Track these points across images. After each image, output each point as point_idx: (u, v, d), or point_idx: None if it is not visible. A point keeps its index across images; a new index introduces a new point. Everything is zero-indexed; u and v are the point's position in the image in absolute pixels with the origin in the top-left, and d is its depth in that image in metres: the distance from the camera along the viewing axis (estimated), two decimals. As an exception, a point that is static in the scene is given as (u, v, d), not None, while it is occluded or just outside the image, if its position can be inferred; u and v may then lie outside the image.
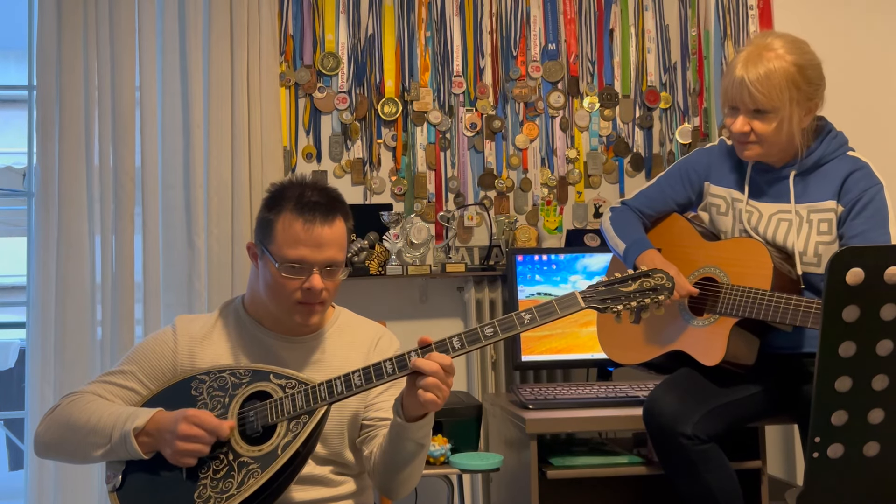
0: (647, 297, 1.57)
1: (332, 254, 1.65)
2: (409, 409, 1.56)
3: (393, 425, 1.60)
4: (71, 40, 2.75)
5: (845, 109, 2.46)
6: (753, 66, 1.95)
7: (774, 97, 1.94)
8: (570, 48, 3.11)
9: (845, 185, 2.01)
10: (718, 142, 2.22)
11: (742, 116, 1.99)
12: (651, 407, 2.03)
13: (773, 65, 1.94)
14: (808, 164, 2.05)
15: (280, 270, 1.63)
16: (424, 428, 1.59)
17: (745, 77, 1.94)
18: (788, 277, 2.01)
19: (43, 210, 2.72)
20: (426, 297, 3.00)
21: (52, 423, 1.66)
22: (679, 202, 2.23)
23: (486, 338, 1.53)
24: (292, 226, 1.64)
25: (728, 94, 2.00)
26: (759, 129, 1.98)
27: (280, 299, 1.66)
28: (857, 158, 2.04)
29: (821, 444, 1.18)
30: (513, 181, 3.06)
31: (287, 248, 1.63)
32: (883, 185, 2.00)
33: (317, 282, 1.63)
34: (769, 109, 1.96)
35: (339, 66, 2.98)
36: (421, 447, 1.62)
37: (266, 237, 1.67)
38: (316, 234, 1.63)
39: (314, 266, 1.63)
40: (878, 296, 1.13)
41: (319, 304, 1.67)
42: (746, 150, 2.04)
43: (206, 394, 1.61)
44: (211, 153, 2.81)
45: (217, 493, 1.51)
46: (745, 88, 1.95)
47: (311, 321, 1.68)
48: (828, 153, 2.04)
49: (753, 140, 2.01)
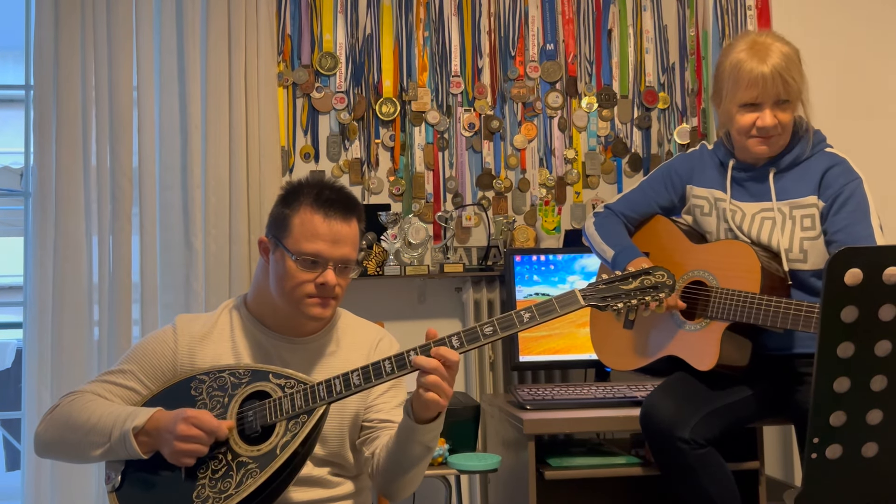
0: (648, 295, 1.56)
1: (347, 252, 1.67)
2: (418, 409, 1.55)
3: (402, 426, 1.59)
4: (68, 40, 2.74)
5: (843, 109, 2.48)
6: (771, 57, 1.95)
7: (800, 81, 1.98)
8: (568, 48, 3.11)
9: (824, 180, 2.02)
10: (700, 146, 2.23)
11: (769, 110, 1.98)
12: (648, 412, 2.04)
13: (783, 51, 1.97)
14: (786, 162, 2.06)
15: (296, 264, 1.63)
16: (433, 431, 1.58)
17: (775, 67, 1.94)
18: (777, 276, 2.01)
19: (40, 210, 2.72)
20: (424, 298, 3.00)
21: (52, 423, 1.66)
22: (662, 206, 2.24)
23: (485, 336, 1.53)
24: (311, 220, 1.65)
25: (751, 92, 1.97)
26: (784, 120, 2.00)
27: (292, 293, 1.65)
28: (834, 154, 2.05)
29: (819, 444, 1.18)
30: (511, 181, 3.06)
31: (304, 242, 1.64)
32: (862, 179, 2.00)
33: (331, 277, 1.64)
34: (793, 96, 1.98)
35: (337, 65, 2.98)
36: (428, 450, 1.61)
37: (281, 231, 1.68)
38: (335, 229, 1.65)
39: (329, 261, 1.64)
40: (877, 296, 1.13)
41: (332, 299, 1.67)
42: (769, 144, 2.03)
43: (206, 394, 1.61)
44: (209, 153, 2.81)
45: (216, 493, 1.51)
46: (777, 79, 1.95)
47: (322, 315, 1.68)
48: (806, 150, 2.05)
49: (780, 133, 2.01)
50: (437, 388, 1.49)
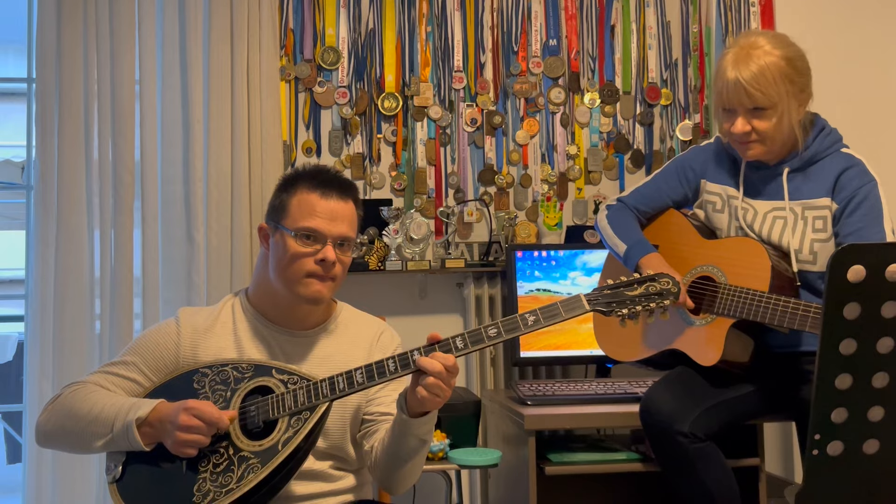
0: (653, 302, 1.57)
1: (345, 229, 1.69)
2: (413, 405, 1.56)
3: (396, 420, 1.60)
4: (70, 34, 2.74)
5: (846, 107, 2.47)
6: (745, 65, 1.94)
7: (772, 93, 1.94)
8: (570, 44, 3.10)
9: (839, 182, 2.00)
10: (714, 139, 2.21)
11: (741, 117, 1.98)
12: (648, 406, 2.04)
13: (763, 61, 1.94)
14: (801, 162, 2.04)
15: (295, 240, 1.65)
16: (427, 424, 1.59)
17: (739, 77, 1.94)
18: (786, 276, 2.01)
19: (42, 203, 2.72)
20: (425, 293, 3.00)
21: (54, 413, 1.66)
22: (675, 199, 2.23)
23: (489, 338, 1.53)
24: (309, 199, 1.68)
25: (723, 97, 1.98)
26: (760, 127, 1.98)
27: (292, 271, 1.66)
28: (850, 155, 2.04)
29: (820, 441, 1.18)
30: (513, 177, 3.05)
31: (302, 219, 1.67)
32: (877, 181, 1.99)
33: (330, 252, 1.66)
34: (767, 106, 1.96)
35: (340, 60, 2.98)
36: (423, 443, 1.62)
37: (280, 214, 1.70)
38: (332, 207, 1.67)
39: (328, 238, 1.66)
40: (880, 293, 1.13)
41: (331, 278, 1.68)
42: (749, 150, 2.03)
43: (209, 387, 1.62)
44: (210, 147, 2.80)
45: (217, 487, 1.51)
46: (741, 88, 1.94)
47: (321, 294, 1.68)
48: (821, 150, 2.04)
49: (755, 139, 2.00)
50: (437, 390, 1.50)
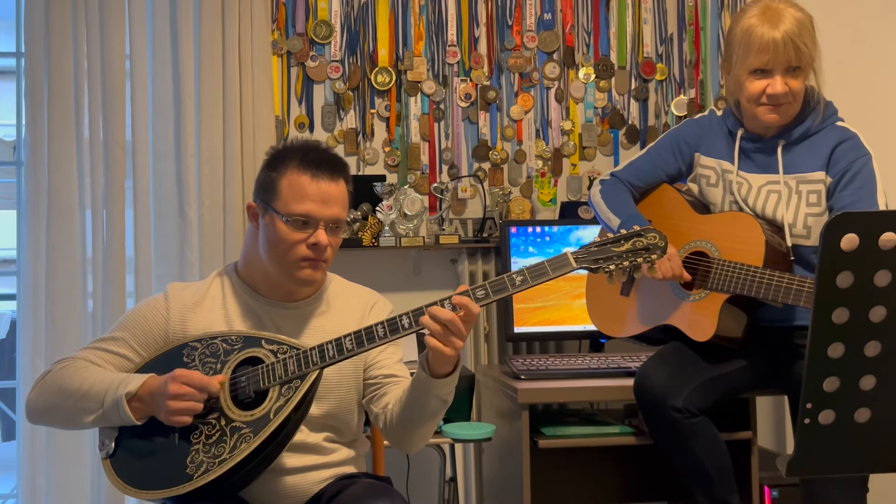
0: (640, 257, 1.55)
1: (337, 211, 1.67)
2: (434, 365, 1.55)
3: (418, 381, 1.58)
4: (59, 8, 2.71)
5: (853, 101, 2.44)
6: (784, 23, 1.93)
7: (813, 48, 1.96)
8: (565, 18, 3.08)
9: (834, 155, 1.99)
10: (708, 112, 2.19)
11: (779, 77, 1.96)
12: (641, 381, 2.04)
13: (798, 17, 1.95)
14: (796, 135, 2.03)
15: (287, 225, 1.63)
16: (449, 385, 1.58)
17: (787, 33, 1.92)
18: (779, 251, 2.00)
19: (33, 181, 2.70)
20: (419, 269, 2.99)
21: (44, 389, 1.66)
22: (669, 173, 2.21)
23: (477, 300, 1.52)
24: (299, 181, 1.64)
25: (762, 58, 1.94)
26: (795, 88, 1.97)
27: (284, 256, 1.65)
28: (845, 129, 2.02)
29: (812, 410, 1.18)
30: (507, 153, 3.04)
31: (293, 203, 1.64)
32: (871, 155, 1.98)
33: (322, 237, 1.64)
34: (805, 64, 1.96)
35: (332, 34, 2.95)
36: (444, 404, 1.61)
37: (269, 195, 1.67)
38: (323, 189, 1.65)
39: (320, 221, 1.64)
40: (873, 262, 1.12)
41: (323, 261, 1.67)
42: (779, 113, 2.00)
43: (199, 360, 1.61)
44: (202, 123, 2.78)
45: (210, 458, 1.52)
46: (789, 44, 1.92)
47: (313, 278, 1.68)
48: (816, 123, 2.03)
49: (790, 100, 1.99)
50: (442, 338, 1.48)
